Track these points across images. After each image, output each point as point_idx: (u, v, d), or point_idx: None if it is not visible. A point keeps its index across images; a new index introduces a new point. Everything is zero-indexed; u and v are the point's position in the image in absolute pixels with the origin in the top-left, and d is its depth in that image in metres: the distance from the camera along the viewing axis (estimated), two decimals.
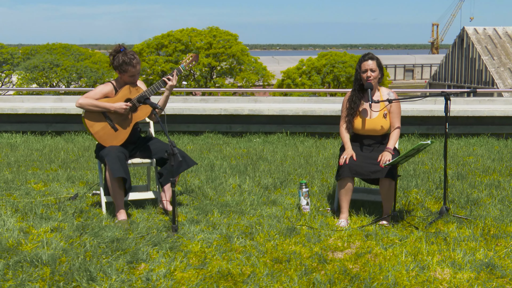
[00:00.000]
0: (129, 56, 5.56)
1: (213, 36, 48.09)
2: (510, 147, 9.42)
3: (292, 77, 48.12)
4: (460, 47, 56.32)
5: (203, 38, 47.89)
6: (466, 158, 8.32)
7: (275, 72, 49.57)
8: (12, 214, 5.62)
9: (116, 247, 4.74)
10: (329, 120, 10.29)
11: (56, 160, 8.23)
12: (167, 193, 5.78)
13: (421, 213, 5.73)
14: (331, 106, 10.49)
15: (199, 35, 48.26)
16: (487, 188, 6.55)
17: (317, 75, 48.07)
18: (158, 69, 46.45)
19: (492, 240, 4.94)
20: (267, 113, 10.22)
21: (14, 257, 4.49)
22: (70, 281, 4.12)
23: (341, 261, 4.49)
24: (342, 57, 48.68)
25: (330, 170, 7.59)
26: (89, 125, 5.54)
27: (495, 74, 52.38)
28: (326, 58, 48.67)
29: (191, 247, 4.79)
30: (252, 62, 48.07)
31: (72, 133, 10.55)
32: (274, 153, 8.69)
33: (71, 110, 10.48)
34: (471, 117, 9.96)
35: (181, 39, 47.80)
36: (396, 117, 5.71)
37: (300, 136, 10.27)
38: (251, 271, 4.32)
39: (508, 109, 10.25)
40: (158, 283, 4.12)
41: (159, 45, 48.31)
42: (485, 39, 55.09)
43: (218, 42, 47.75)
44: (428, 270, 4.32)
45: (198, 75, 47.42)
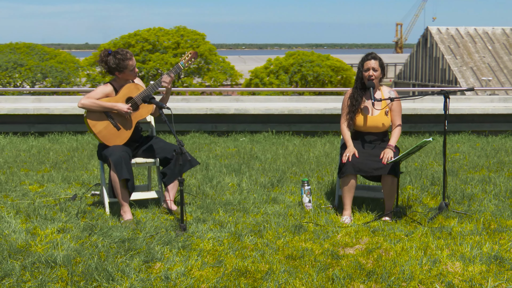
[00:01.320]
0: (121, 53, 5.58)
1: (180, 35, 47.98)
2: (491, 143, 9.63)
3: (260, 76, 48.23)
4: (424, 47, 57.11)
5: (171, 38, 47.74)
6: (453, 155, 8.49)
7: (243, 71, 49.63)
8: (14, 216, 5.58)
9: (128, 247, 4.74)
10: (314, 119, 10.39)
11: (46, 161, 8.16)
12: (171, 193, 5.79)
13: (420, 209, 5.84)
14: (316, 105, 10.58)
15: (166, 35, 48.09)
16: (479, 184, 6.70)
17: (285, 74, 48.25)
18: None
19: (494, 234, 5.07)
20: (253, 112, 10.27)
21: (27, 258, 4.47)
22: (90, 281, 4.12)
23: (354, 257, 4.57)
24: (310, 57, 48.97)
25: (324, 168, 7.68)
26: (91, 125, 5.53)
27: (458, 73, 53.21)
28: (294, 58, 48.90)
29: (203, 246, 4.82)
30: (220, 62, 48.08)
31: (56, 133, 10.45)
32: (264, 152, 8.75)
33: (54, 110, 10.38)
34: (452, 115, 10.15)
35: (149, 39, 47.56)
36: (397, 115, 5.83)
37: (285, 135, 10.34)
38: (267, 268, 4.37)
39: (488, 107, 10.47)
40: (178, 282, 4.14)
41: (126, 44, 47.92)
42: (448, 38, 55.93)
43: (185, 41, 47.65)
44: (440, 264, 4.42)
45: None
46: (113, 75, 5.65)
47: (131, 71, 5.60)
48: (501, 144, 9.45)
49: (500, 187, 6.50)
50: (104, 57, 5.57)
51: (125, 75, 5.61)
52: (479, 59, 54.14)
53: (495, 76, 52.28)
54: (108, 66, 5.57)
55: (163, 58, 46.11)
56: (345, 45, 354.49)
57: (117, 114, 5.59)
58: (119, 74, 5.60)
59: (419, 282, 4.13)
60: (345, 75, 49.60)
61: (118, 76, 5.62)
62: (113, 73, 5.61)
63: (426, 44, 56.80)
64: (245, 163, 7.92)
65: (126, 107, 5.53)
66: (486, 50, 54.91)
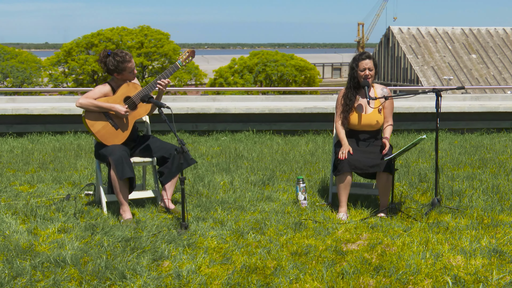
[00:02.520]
0: (121, 55, 5.60)
1: (144, 35, 47.74)
2: (468, 141, 9.86)
3: (225, 76, 48.30)
4: (386, 46, 57.89)
5: (134, 37, 47.47)
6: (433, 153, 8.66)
7: (207, 71, 49.59)
8: (11, 216, 5.54)
9: (134, 245, 4.76)
10: (294, 118, 10.49)
11: (31, 161, 8.09)
12: (168, 192, 5.82)
13: (412, 205, 5.97)
14: (297, 104, 10.70)
15: (130, 34, 47.80)
16: (466, 181, 6.87)
17: (249, 74, 48.39)
18: (88, 69, 45.74)
19: (489, 229, 5.22)
20: (234, 111, 10.32)
21: (35, 258, 4.46)
22: (103, 280, 4.14)
23: (358, 252, 4.67)
24: (274, 56, 49.21)
25: (311, 166, 7.78)
26: (90, 124, 5.53)
27: (419, 72, 54.05)
28: (258, 57, 49.08)
29: (207, 244, 4.87)
30: None
31: (34, 134, 10.35)
32: (249, 151, 8.81)
33: (33, 110, 10.27)
34: (429, 113, 10.36)
35: (112, 38, 47.18)
36: (389, 113, 5.95)
37: (266, 134, 10.42)
38: (276, 264, 4.44)
39: (464, 105, 10.72)
40: (190, 279, 4.18)
41: (89, 44, 47.55)
42: (409, 38, 56.75)
43: (149, 41, 47.45)
44: (442, 257, 4.55)
45: None
46: (112, 75, 5.65)
47: (130, 73, 5.62)
48: (479, 142, 9.69)
49: (487, 183, 6.67)
50: (103, 58, 5.58)
51: (123, 76, 5.63)
52: (440, 59, 55.08)
53: (455, 75, 53.24)
54: (106, 67, 5.58)
55: None
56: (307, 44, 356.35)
57: (115, 114, 5.59)
58: (118, 75, 5.61)
59: (426, 275, 4.24)
60: (309, 75, 49.99)
61: (117, 77, 5.63)
62: (111, 74, 5.62)
63: (388, 44, 57.56)
64: (232, 162, 7.97)
65: (124, 109, 5.54)
66: (447, 50, 55.87)
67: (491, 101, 11.61)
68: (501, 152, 8.65)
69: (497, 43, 57.67)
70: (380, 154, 5.71)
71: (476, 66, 55.07)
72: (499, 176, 7.09)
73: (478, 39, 57.51)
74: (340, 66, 79.08)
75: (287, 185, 6.79)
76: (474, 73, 54.37)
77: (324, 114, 10.47)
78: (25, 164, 7.88)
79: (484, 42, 57.32)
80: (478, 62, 55.59)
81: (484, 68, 55.16)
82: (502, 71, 55.16)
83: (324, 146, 9.33)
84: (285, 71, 48.07)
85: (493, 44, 57.41)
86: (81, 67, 46.17)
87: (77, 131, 10.45)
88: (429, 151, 8.81)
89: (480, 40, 57.49)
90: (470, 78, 53.78)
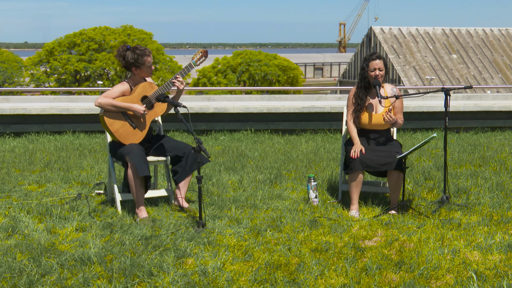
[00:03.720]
0: (140, 49, 5.65)
1: (127, 34, 47.56)
2: (464, 139, 10.01)
3: (208, 75, 48.25)
4: (368, 46, 58.16)
5: (117, 37, 47.24)
6: (434, 151, 8.80)
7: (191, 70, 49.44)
8: (25, 215, 5.56)
9: (155, 243, 4.81)
10: (292, 117, 10.58)
11: (35, 161, 8.09)
12: (182, 190, 5.87)
13: (421, 203, 6.07)
14: (295, 103, 10.79)
15: (113, 34, 47.59)
16: (470, 178, 7.00)
17: (233, 73, 48.41)
18: (71, 69, 45.49)
19: (500, 225, 5.34)
20: (232, 111, 10.38)
21: (60, 256, 4.49)
22: (131, 277, 4.18)
23: (377, 249, 4.75)
24: (257, 56, 49.27)
25: (315, 165, 7.86)
26: (108, 123, 5.56)
27: (401, 72, 54.39)
28: (241, 57, 49.10)
29: (227, 241, 4.92)
30: (168, 61, 47.91)
31: (33, 134, 10.33)
32: (251, 150, 8.88)
33: (31, 110, 10.25)
34: (425, 113, 10.50)
35: (95, 38, 46.96)
36: (400, 112, 6.06)
37: (264, 133, 10.50)
38: (298, 261, 4.51)
39: (459, 104, 10.88)
40: (216, 276, 4.24)
41: (71, 43, 47.28)
42: (391, 38, 57.10)
43: (132, 41, 47.20)
44: (459, 253, 4.65)
45: (113, 74, 46.75)
46: (129, 71, 5.69)
47: (148, 68, 5.66)
48: (475, 140, 9.85)
49: (492, 181, 6.80)
50: (123, 52, 5.62)
51: (141, 72, 5.66)
52: (421, 59, 55.48)
53: (436, 75, 53.69)
54: (125, 61, 5.61)
55: (109, 58, 45.60)
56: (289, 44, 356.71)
57: (133, 114, 5.63)
58: (136, 70, 5.64)
59: (446, 270, 4.33)
60: (293, 74, 50.12)
61: (134, 72, 5.66)
62: (129, 68, 5.65)
63: (370, 44, 57.84)
64: (237, 161, 8.03)
65: (142, 109, 5.58)
66: (428, 50, 56.31)
67: (483, 100, 11.78)
68: (499, 151, 8.80)
69: (477, 44, 58.22)
70: (391, 153, 5.80)
71: (457, 66, 55.55)
72: (501, 174, 7.23)
73: (459, 39, 58.03)
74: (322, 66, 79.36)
75: (295, 183, 6.87)
76: (455, 73, 54.84)
77: (321, 113, 10.57)
78: (30, 164, 7.88)
79: (465, 42, 57.84)
80: (458, 62, 56.08)
81: (465, 68, 55.66)
82: (482, 71, 55.70)
83: (325, 145, 9.43)
84: (268, 71, 48.14)
85: (473, 45, 57.95)
86: (64, 67, 45.91)
87: (75, 131, 10.45)
88: (429, 149, 8.93)
89: (461, 40, 58.02)
90: (451, 78, 54.22)
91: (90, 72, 46.42)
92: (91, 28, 48.02)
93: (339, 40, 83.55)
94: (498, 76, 55.30)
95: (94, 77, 46.97)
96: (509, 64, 56.45)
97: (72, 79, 47.03)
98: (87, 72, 46.76)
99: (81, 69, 45.75)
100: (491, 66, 56.02)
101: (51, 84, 46.76)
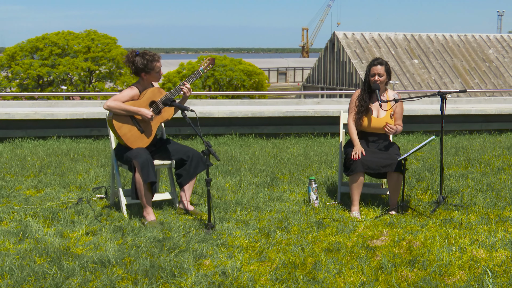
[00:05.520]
0: (150, 54, 5.73)
1: (91, 39, 47.15)
2: (445, 142, 10.26)
3: (173, 80, 48.14)
4: (331, 51, 58.75)
5: (81, 42, 46.82)
6: (419, 154, 9.02)
7: None
8: (32, 220, 5.56)
9: (169, 246, 4.87)
10: (275, 121, 10.71)
11: (27, 166, 8.04)
12: (187, 193, 5.94)
13: (418, 203, 6.24)
14: (279, 107, 10.93)
15: (76, 38, 47.14)
16: (460, 180, 7.21)
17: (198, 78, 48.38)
18: (33, 74, 44.89)
19: (498, 224, 5.54)
20: (217, 115, 10.47)
21: (79, 259, 4.52)
22: (154, 278, 4.24)
23: (386, 248, 4.89)
24: (222, 61, 49.36)
25: (308, 168, 7.99)
26: (117, 127, 5.61)
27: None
28: None
29: (239, 243, 5.01)
30: None
31: (16, 139, 10.24)
32: (242, 154, 8.97)
33: (15, 115, 10.16)
34: (405, 116, 10.71)
35: (58, 42, 46.45)
36: (399, 117, 6.23)
37: (249, 137, 10.61)
38: (313, 260, 4.62)
39: (437, 108, 11.14)
40: (238, 275, 4.32)
41: (33, 48, 46.66)
42: (354, 43, 57.78)
43: (96, 45, 46.88)
44: (466, 251, 4.82)
45: (77, 79, 46.31)
46: (138, 76, 5.74)
47: (157, 73, 5.73)
48: (456, 143, 10.11)
49: (482, 181, 7.02)
50: (132, 58, 5.67)
51: (150, 77, 5.73)
52: None
53: (399, 80, 54.49)
54: (135, 66, 5.67)
55: (73, 63, 45.17)
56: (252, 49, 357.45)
57: (141, 118, 5.69)
58: (145, 75, 5.71)
59: (458, 267, 4.49)
60: (258, 79, 50.34)
61: (143, 78, 5.72)
62: (139, 74, 5.71)
63: (333, 49, 58.42)
64: (229, 165, 8.12)
65: (150, 114, 5.65)
66: (390, 55, 57.07)
67: (457, 104, 12.09)
68: (482, 152, 9.06)
69: (438, 49, 59.28)
70: (391, 155, 5.97)
71: (418, 71, 56.46)
72: (489, 175, 7.46)
73: (420, 45, 59.00)
74: (286, 71, 79.88)
75: (291, 186, 6.99)
76: (416, 77, 55.74)
77: (304, 117, 10.72)
78: (22, 169, 7.84)
79: (425, 47, 58.84)
80: (420, 67, 57.00)
81: (426, 72, 56.61)
82: (443, 75, 56.71)
83: (312, 148, 9.58)
84: (233, 75, 48.27)
85: (434, 50, 58.99)
86: (26, 72, 45.26)
87: (60, 136, 10.39)
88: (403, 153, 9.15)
89: (422, 45, 58.99)
90: (413, 82, 55.09)
91: (53, 77, 45.85)
92: (54, 33, 47.47)
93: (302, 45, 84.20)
94: (458, 81, 56.35)
95: (57, 82, 46.39)
96: (468, 69, 57.58)
97: (34, 84, 46.39)
98: (50, 77, 46.19)
99: (44, 74, 45.16)
100: (451, 71, 57.09)
101: (13, 89, 46.03)
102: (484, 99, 13.10)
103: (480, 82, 55.50)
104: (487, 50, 58.71)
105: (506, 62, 57.96)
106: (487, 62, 57.74)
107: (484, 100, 12.97)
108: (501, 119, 11.29)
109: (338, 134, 10.69)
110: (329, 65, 58.45)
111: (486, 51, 58.66)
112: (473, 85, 54.71)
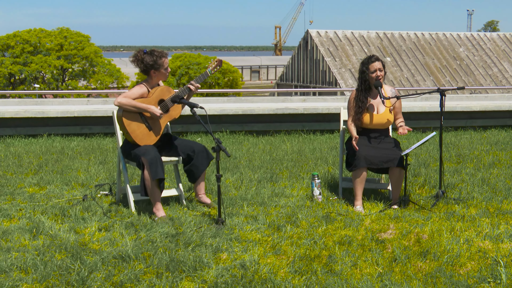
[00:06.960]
0: (158, 51, 5.86)
1: (64, 37, 46.71)
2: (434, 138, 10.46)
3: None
4: (305, 49, 59.01)
5: (54, 39, 46.37)
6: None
7: (129, 74, 49.08)
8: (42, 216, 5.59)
9: (184, 240, 4.94)
10: (265, 119, 10.81)
11: (23, 164, 8.03)
12: (201, 187, 6.08)
13: (418, 198, 6.40)
14: (269, 105, 11.03)
15: (49, 36, 46.66)
16: (454, 175, 7.39)
17: (172, 76, 48.26)
18: (5, 71, 44.34)
19: (499, 217, 5.71)
20: (208, 113, 10.49)
21: (98, 254, 4.57)
22: (177, 272, 4.32)
23: (396, 240, 5.03)
24: (197, 59, 49.31)
25: (304, 164, 8.11)
26: (126, 123, 5.67)
27: (338, 74, 55.38)
28: (181, 60, 49.03)
29: (252, 237, 5.11)
30: (106, 64, 47.32)
31: (6, 137, 10.19)
32: (236, 151, 9.05)
33: (5, 114, 10.11)
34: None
35: (30, 40, 45.96)
36: (399, 112, 6.39)
37: (239, 134, 10.69)
38: (327, 253, 4.74)
39: (424, 105, 11.36)
40: (257, 268, 4.42)
41: (4, 46, 46.10)
42: (327, 41, 58.10)
43: (69, 43, 46.45)
44: (473, 242, 4.98)
45: (50, 78, 45.85)
46: (147, 75, 5.80)
47: (165, 70, 5.81)
48: (443, 139, 10.30)
49: (477, 177, 7.21)
50: (140, 56, 5.74)
51: (159, 74, 5.80)
52: (357, 61, 56.48)
53: None
54: (144, 64, 5.73)
55: (46, 61, 44.72)
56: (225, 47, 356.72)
57: (150, 116, 5.76)
58: (154, 73, 5.77)
59: (468, 258, 4.65)
60: (232, 77, 50.38)
61: (152, 75, 5.79)
62: (148, 72, 5.78)
63: (306, 47, 58.68)
64: (226, 161, 8.20)
65: (159, 111, 5.72)
66: (363, 53, 57.43)
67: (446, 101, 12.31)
68: (471, 149, 9.28)
69: (410, 47, 59.87)
70: (393, 150, 6.12)
71: (391, 69, 56.90)
72: (481, 170, 7.65)
73: (392, 43, 59.53)
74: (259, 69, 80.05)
75: (292, 182, 7.09)
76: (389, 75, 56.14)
77: (293, 114, 10.84)
78: (19, 167, 7.83)
79: (398, 45, 59.40)
80: (392, 65, 57.48)
81: (398, 70, 57.15)
82: (415, 73, 57.30)
83: (305, 145, 9.70)
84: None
85: (406, 48, 59.57)
86: None
87: (50, 134, 10.37)
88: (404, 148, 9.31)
89: (394, 43, 59.53)
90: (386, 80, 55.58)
91: (26, 75, 45.34)
92: (26, 30, 46.95)
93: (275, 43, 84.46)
94: (430, 79, 56.98)
95: (29, 80, 45.89)
96: (440, 67, 58.29)
97: (6, 82, 45.82)
98: (22, 75, 45.67)
99: (16, 72, 44.66)
100: (423, 69, 57.71)
101: None
102: (466, 97, 13.36)
103: (451, 80, 56.22)
104: (457, 49, 59.47)
105: (476, 60, 58.77)
106: (457, 60, 58.50)
107: (466, 98, 13.24)
108: (485, 116, 11.55)
109: (328, 131, 10.94)
110: (303, 63, 58.70)
111: (456, 49, 59.43)
112: (444, 82, 55.36)
